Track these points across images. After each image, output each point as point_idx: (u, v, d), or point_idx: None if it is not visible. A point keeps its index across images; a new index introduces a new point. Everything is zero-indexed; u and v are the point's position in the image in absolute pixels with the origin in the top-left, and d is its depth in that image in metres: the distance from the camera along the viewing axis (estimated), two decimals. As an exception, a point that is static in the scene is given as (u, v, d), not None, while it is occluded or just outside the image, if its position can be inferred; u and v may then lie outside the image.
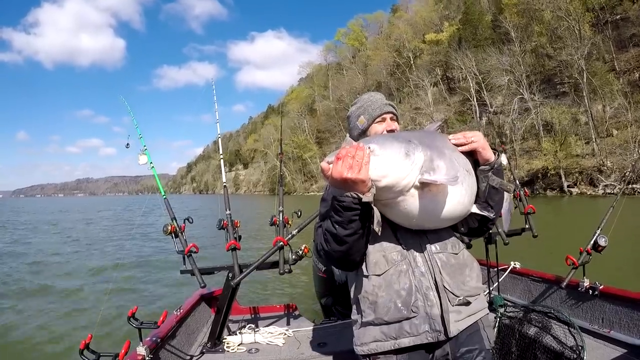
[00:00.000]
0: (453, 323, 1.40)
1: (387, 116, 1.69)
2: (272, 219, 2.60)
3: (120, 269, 9.27)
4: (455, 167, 1.36)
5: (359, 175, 1.18)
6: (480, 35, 49.73)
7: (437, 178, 1.27)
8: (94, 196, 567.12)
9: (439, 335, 1.38)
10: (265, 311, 3.41)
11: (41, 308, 6.31)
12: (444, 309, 1.39)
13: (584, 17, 38.55)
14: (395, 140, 1.30)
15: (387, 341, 1.43)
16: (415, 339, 1.40)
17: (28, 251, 12.66)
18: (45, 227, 22.72)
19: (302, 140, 77.17)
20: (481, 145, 1.44)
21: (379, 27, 75.02)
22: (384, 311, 1.42)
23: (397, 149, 1.27)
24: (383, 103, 1.70)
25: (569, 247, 2.89)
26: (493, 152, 1.48)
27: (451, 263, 1.47)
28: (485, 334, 1.50)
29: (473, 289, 1.49)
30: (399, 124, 1.75)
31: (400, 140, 1.30)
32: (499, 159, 1.47)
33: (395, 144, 1.28)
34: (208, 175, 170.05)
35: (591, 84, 36.08)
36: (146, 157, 2.68)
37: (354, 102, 1.81)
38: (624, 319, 2.36)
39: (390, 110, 1.70)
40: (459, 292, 1.43)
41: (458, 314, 1.42)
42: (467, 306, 1.45)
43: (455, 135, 1.47)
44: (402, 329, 1.40)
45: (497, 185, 1.46)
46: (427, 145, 1.34)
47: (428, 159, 1.31)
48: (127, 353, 1.84)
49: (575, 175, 33.95)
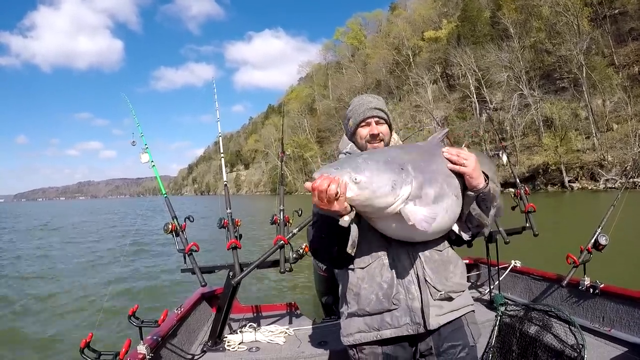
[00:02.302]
0: (433, 317, 1.44)
1: (371, 120, 1.65)
2: (273, 217, 2.61)
3: (121, 267, 9.29)
4: (444, 194, 1.35)
5: (332, 208, 1.22)
6: (479, 31, 49.67)
7: (414, 219, 1.27)
8: (95, 199, 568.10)
9: (419, 327, 1.43)
10: (266, 310, 3.41)
11: (41, 307, 6.35)
12: (425, 303, 1.43)
13: (583, 12, 38.50)
14: (385, 170, 1.26)
15: (370, 332, 1.49)
16: (396, 331, 1.45)
17: (28, 251, 12.69)
18: (45, 227, 22.78)
19: (303, 140, 77.16)
20: (470, 172, 1.39)
21: (378, 26, 75.01)
22: (366, 302, 1.48)
23: (385, 181, 1.25)
24: (368, 107, 1.66)
25: (570, 245, 2.88)
26: (485, 178, 1.43)
27: (435, 259, 1.49)
28: (469, 330, 1.52)
29: (456, 284, 1.51)
30: (392, 126, 1.71)
31: (391, 170, 1.27)
32: (486, 188, 1.42)
33: (384, 176, 1.25)
34: (209, 176, 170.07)
35: (591, 78, 36.04)
36: (148, 155, 2.70)
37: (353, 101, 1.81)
38: (625, 317, 2.36)
39: (374, 114, 1.65)
40: (441, 287, 1.46)
41: (439, 308, 1.46)
42: (450, 302, 1.49)
43: (450, 151, 1.43)
44: (384, 320, 1.46)
45: (476, 216, 1.45)
46: (420, 170, 1.32)
47: (417, 187, 1.30)
48: (128, 352, 1.85)
49: (576, 170, 33.94)
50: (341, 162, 1.29)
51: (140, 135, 2.77)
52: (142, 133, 2.78)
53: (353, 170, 1.23)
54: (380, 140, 1.63)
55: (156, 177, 2.77)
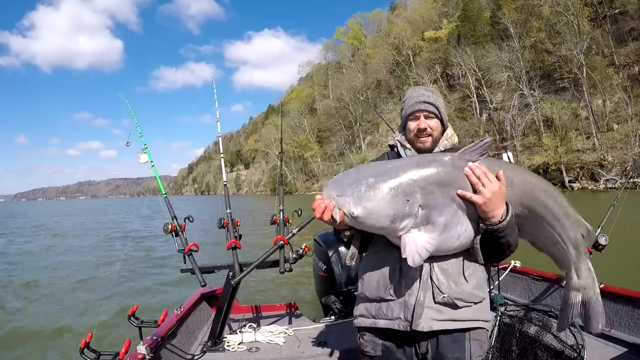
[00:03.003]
0: (427, 319, 1.38)
1: (419, 114, 1.59)
2: (273, 217, 2.61)
3: (120, 267, 9.29)
4: (457, 221, 1.29)
5: (332, 224, 1.30)
6: (479, 31, 49.68)
7: (408, 251, 1.23)
8: (95, 199, 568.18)
9: (408, 326, 1.39)
10: (265, 310, 3.42)
11: (42, 307, 6.35)
12: (420, 302, 1.39)
13: (583, 11, 38.50)
14: (387, 204, 1.20)
15: (368, 318, 1.51)
16: (389, 323, 1.44)
17: (28, 251, 12.69)
18: (45, 228, 22.80)
19: (303, 140, 77.17)
20: (481, 202, 1.25)
21: (378, 26, 74.97)
22: (367, 287, 1.51)
23: (384, 216, 1.21)
24: (417, 100, 1.60)
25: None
26: (504, 213, 1.28)
27: (450, 261, 1.42)
28: (469, 346, 1.43)
29: (466, 293, 1.41)
30: (445, 120, 1.63)
31: (394, 203, 1.21)
32: (499, 225, 1.28)
33: (384, 211, 1.21)
34: (209, 176, 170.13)
35: (591, 78, 36.06)
36: (147, 155, 2.70)
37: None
38: (625, 317, 2.36)
39: (422, 108, 1.58)
40: (447, 291, 1.39)
41: (438, 312, 1.39)
42: (453, 309, 1.40)
43: (474, 169, 1.26)
44: (380, 309, 1.47)
45: (473, 252, 1.38)
46: (431, 198, 1.24)
47: (423, 217, 1.25)
48: (128, 352, 1.84)
49: (576, 171, 33.95)
50: (345, 186, 1.24)
51: (139, 135, 2.77)
52: (141, 133, 2.78)
53: (353, 201, 1.20)
54: (429, 135, 1.58)
55: (156, 177, 2.77)
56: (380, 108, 60.30)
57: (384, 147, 28.67)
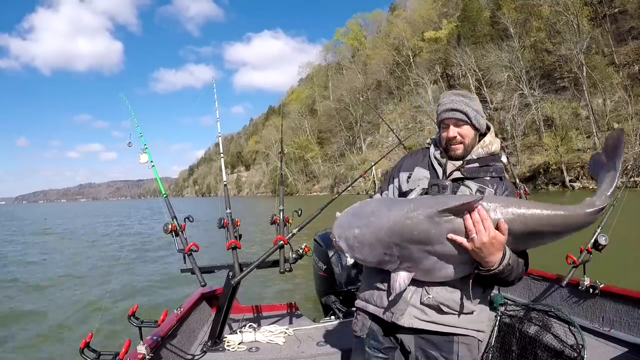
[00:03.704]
0: (409, 316, 1.45)
1: (448, 122, 1.56)
2: (273, 217, 2.61)
3: (120, 267, 9.29)
4: (443, 267, 1.31)
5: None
6: (479, 31, 49.70)
7: (392, 285, 1.40)
8: (96, 201, 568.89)
9: (391, 317, 1.47)
10: (265, 310, 3.41)
11: (41, 307, 6.35)
12: (405, 298, 1.45)
13: (582, 11, 38.51)
14: (369, 254, 1.37)
15: (362, 301, 1.62)
16: (376, 310, 1.53)
17: (28, 250, 12.71)
18: (45, 227, 22.83)
19: (304, 141, 77.19)
20: (472, 248, 1.21)
21: (378, 26, 75.00)
22: (367, 274, 1.63)
23: (370, 263, 1.43)
24: (445, 109, 1.57)
25: (570, 245, 2.88)
26: (499, 261, 1.25)
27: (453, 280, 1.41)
28: (457, 349, 1.44)
29: (453, 301, 1.41)
30: (479, 125, 1.57)
31: (375, 255, 1.35)
32: (491, 272, 1.26)
33: (368, 260, 1.40)
34: (210, 177, 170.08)
35: (591, 77, 36.05)
36: (147, 155, 2.69)
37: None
38: (625, 317, 2.35)
39: (450, 116, 1.55)
40: (433, 293, 1.40)
41: (422, 312, 1.42)
42: (438, 313, 1.42)
43: (474, 215, 1.20)
44: (372, 295, 1.56)
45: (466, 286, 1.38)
46: (412, 248, 1.29)
47: (405, 264, 1.35)
48: (128, 352, 1.84)
49: (577, 170, 33.90)
50: (341, 231, 1.42)
51: (139, 135, 2.77)
52: (141, 133, 2.79)
53: (345, 249, 1.41)
54: (460, 143, 1.55)
55: (156, 177, 2.77)
56: (381, 109, 60.35)
57: (385, 148, 28.88)
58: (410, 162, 1.71)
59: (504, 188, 1.54)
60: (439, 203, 1.24)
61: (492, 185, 1.52)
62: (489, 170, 1.57)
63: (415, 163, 1.68)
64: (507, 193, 1.52)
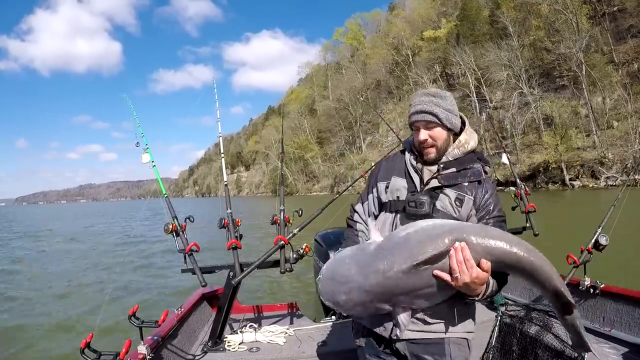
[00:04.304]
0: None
1: (419, 125, 1.51)
2: (273, 218, 2.61)
3: (121, 267, 9.30)
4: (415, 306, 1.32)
5: None
6: (478, 30, 49.71)
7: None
8: (96, 202, 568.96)
9: (384, 331, 1.46)
10: (266, 310, 3.41)
11: (42, 307, 6.35)
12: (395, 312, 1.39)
13: (581, 9, 38.53)
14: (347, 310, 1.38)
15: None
16: (370, 324, 1.52)
17: (29, 253, 12.71)
18: (45, 228, 22.85)
19: (303, 141, 77.17)
20: (456, 286, 1.21)
21: (377, 26, 75.04)
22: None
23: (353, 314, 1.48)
24: (413, 111, 1.51)
25: (570, 245, 2.88)
26: (482, 292, 1.26)
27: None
28: (449, 350, 1.45)
29: (440, 316, 1.43)
30: (445, 125, 1.49)
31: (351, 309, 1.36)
32: (475, 300, 1.31)
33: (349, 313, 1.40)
34: (210, 178, 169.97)
35: (590, 76, 36.06)
36: (149, 155, 2.71)
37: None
38: (625, 317, 2.36)
39: (419, 119, 1.50)
40: (420, 311, 1.40)
41: (412, 324, 1.39)
42: (425, 325, 1.43)
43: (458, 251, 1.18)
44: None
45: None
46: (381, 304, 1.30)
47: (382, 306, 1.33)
48: (128, 352, 1.85)
49: (576, 168, 33.91)
50: (329, 297, 1.38)
51: (141, 135, 2.78)
52: (142, 133, 2.79)
53: (340, 311, 1.42)
54: (432, 146, 1.50)
55: (157, 177, 2.78)
56: (380, 108, 60.35)
57: (385, 148, 28.85)
58: (386, 169, 1.66)
59: (484, 192, 1.49)
60: (413, 255, 1.21)
61: (471, 192, 1.49)
62: (466, 175, 1.51)
63: (392, 171, 1.63)
64: (487, 197, 1.49)
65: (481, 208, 1.48)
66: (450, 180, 1.50)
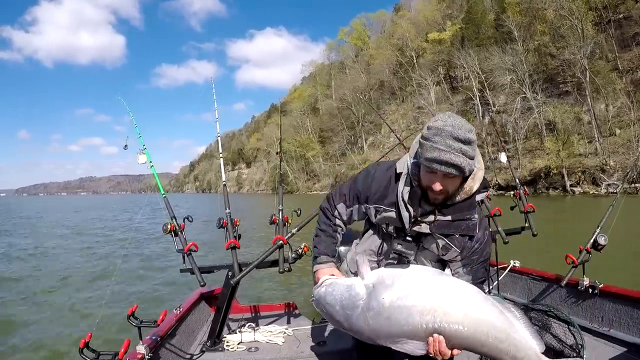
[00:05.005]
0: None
1: (438, 172, 1.32)
2: (272, 217, 2.60)
3: (120, 267, 9.28)
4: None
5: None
6: (483, 34, 49.65)
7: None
8: (97, 195, 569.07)
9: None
10: (265, 310, 3.41)
11: (41, 307, 6.32)
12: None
13: (587, 16, 38.44)
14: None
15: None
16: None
17: (27, 249, 12.69)
18: (40, 223, 22.81)
19: (305, 139, 77.15)
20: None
21: (382, 26, 74.94)
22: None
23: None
24: (438, 158, 1.28)
25: (569, 245, 2.88)
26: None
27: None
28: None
29: None
30: (465, 175, 1.37)
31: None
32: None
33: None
34: (211, 174, 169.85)
35: (594, 83, 35.98)
36: (145, 156, 2.69)
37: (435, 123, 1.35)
38: (624, 317, 2.36)
39: (442, 170, 1.30)
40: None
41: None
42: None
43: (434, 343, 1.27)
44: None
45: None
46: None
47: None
48: (127, 352, 1.85)
49: (577, 175, 33.88)
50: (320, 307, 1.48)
51: (138, 136, 2.77)
52: (139, 134, 2.79)
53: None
54: (443, 194, 1.40)
55: (155, 177, 2.77)
56: (383, 109, 60.34)
57: (386, 149, 28.65)
58: (378, 188, 1.58)
59: (473, 244, 1.52)
60: (392, 336, 1.33)
61: (459, 244, 1.50)
62: (460, 227, 1.48)
63: (382, 198, 1.57)
64: (475, 248, 1.52)
65: (467, 257, 1.53)
66: (443, 230, 1.49)
